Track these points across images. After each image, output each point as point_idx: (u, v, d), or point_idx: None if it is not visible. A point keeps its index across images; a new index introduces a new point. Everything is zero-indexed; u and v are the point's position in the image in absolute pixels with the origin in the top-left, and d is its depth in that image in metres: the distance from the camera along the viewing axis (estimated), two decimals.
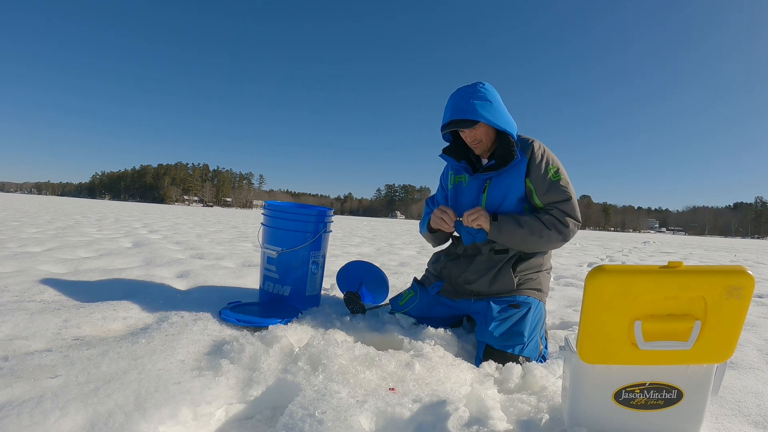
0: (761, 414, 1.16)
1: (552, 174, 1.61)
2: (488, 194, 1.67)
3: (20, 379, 0.99)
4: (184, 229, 7.23)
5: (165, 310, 1.71)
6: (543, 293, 1.67)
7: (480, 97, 1.58)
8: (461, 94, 1.61)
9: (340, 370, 1.15)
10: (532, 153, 1.63)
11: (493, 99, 1.61)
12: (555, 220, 1.58)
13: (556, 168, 1.63)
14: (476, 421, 0.98)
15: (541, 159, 1.62)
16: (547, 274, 1.73)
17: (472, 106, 1.56)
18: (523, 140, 1.68)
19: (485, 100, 1.58)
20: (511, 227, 1.58)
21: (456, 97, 1.62)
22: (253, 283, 2.55)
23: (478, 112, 1.56)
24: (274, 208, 1.92)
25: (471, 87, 1.62)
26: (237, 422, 1.07)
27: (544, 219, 1.58)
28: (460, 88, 1.65)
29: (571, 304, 2.59)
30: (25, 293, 1.85)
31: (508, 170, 1.63)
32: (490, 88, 1.63)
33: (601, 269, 0.85)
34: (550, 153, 1.66)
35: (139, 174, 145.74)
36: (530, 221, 1.57)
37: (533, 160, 1.62)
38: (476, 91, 1.60)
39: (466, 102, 1.58)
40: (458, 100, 1.60)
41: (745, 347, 1.78)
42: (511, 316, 1.53)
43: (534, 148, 1.64)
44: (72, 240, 4.25)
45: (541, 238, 1.57)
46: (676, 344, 0.87)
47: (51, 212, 10.52)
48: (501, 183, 1.65)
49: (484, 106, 1.57)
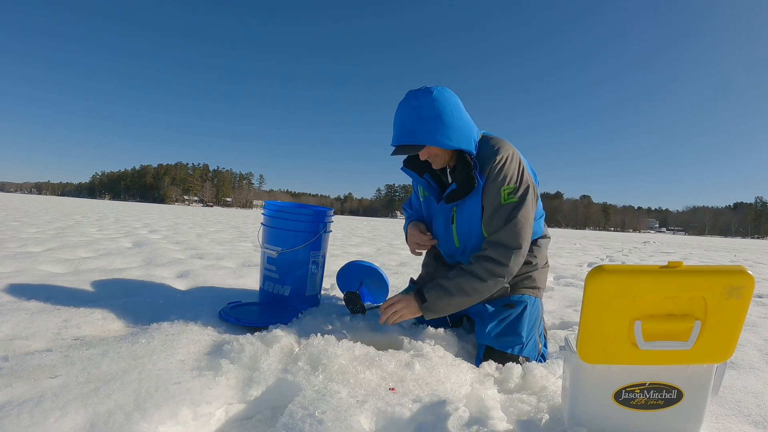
0: (761, 414, 1.16)
1: (504, 196, 1.42)
2: (457, 225, 1.55)
3: (20, 379, 0.99)
4: (184, 229, 7.23)
5: (165, 310, 1.71)
6: (539, 290, 1.63)
7: (427, 114, 1.37)
8: (407, 111, 1.40)
9: (340, 370, 1.15)
10: (490, 170, 1.44)
11: (444, 111, 1.38)
12: (490, 264, 1.40)
13: (511, 189, 1.43)
14: (476, 421, 0.98)
15: (496, 177, 1.43)
16: (543, 271, 1.68)
17: (419, 127, 1.38)
18: (487, 150, 1.47)
19: (434, 118, 1.37)
20: (443, 302, 1.43)
21: (401, 113, 1.42)
22: (253, 283, 2.55)
23: (425, 135, 1.38)
24: (274, 208, 1.92)
25: (417, 99, 1.39)
26: (237, 422, 1.07)
27: (478, 271, 1.41)
28: (407, 97, 1.43)
29: (571, 304, 2.59)
30: (25, 293, 1.85)
31: (470, 195, 1.48)
32: (440, 97, 1.39)
33: (601, 269, 0.85)
34: (512, 167, 1.45)
35: (139, 174, 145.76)
36: (461, 283, 1.41)
37: (489, 180, 1.44)
38: (422, 105, 1.38)
39: (413, 121, 1.38)
40: (404, 119, 1.41)
41: (745, 347, 1.78)
42: (507, 316, 1.52)
43: (493, 164, 1.43)
44: (72, 240, 4.25)
45: (480, 293, 1.43)
46: (676, 344, 0.87)
47: (51, 212, 10.52)
48: (465, 210, 1.52)
49: (433, 126, 1.37)
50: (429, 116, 1.38)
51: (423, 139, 1.39)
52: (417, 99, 1.40)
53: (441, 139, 1.39)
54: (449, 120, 1.40)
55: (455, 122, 1.41)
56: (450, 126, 1.40)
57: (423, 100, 1.39)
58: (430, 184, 1.61)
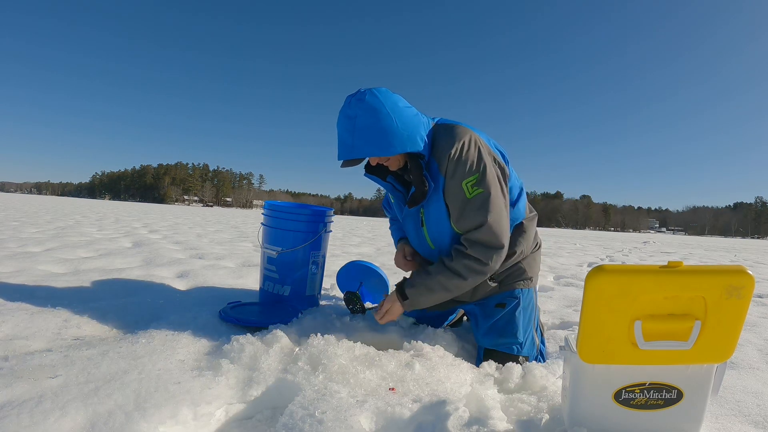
0: (761, 414, 1.16)
1: (468, 189, 1.35)
2: (427, 227, 1.49)
3: (20, 379, 0.99)
4: (184, 229, 7.23)
5: (165, 310, 1.71)
6: (531, 279, 1.56)
7: (362, 124, 1.31)
8: (343, 123, 1.35)
9: (340, 370, 1.15)
10: (447, 165, 1.36)
11: (380, 115, 1.31)
12: (471, 262, 1.37)
13: (474, 179, 1.35)
14: (476, 421, 0.98)
15: (455, 171, 1.35)
16: (533, 255, 1.60)
17: (357, 141, 1.33)
18: (442, 140, 1.40)
19: (369, 128, 1.31)
20: (424, 298, 1.44)
21: (339, 126, 1.37)
22: (253, 283, 2.55)
23: (363, 148, 1.33)
24: (274, 208, 1.92)
25: (351, 109, 1.33)
26: (237, 422, 1.07)
27: (459, 267, 1.38)
28: (343, 107, 1.38)
29: (571, 304, 2.59)
30: (25, 293, 1.85)
31: (430, 196, 1.42)
32: (373, 102, 1.32)
33: (601, 269, 0.85)
34: (470, 155, 1.36)
35: (139, 174, 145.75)
36: (442, 281, 1.40)
37: (447, 176, 1.37)
38: (357, 115, 1.32)
39: (350, 135, 1.33)
40: (342, 133, 1.36)
41: (745, 347, 1.78)
42: (500, 318, 1.50)
43: (449, 158, 1.35)
44: (72, 240, 4.25)
45: (461, 288, 1.42)
46: (676, 344, 0.87)
47: (51, 212, 10.52)
48: (431, 211, 1.46)
49: (370, 137, 1.32)
50: (364, 127, 1.32)
51: (362, 152, 1.34)
52: (350, 108, 1.34)
53: (378, 150, 1.33)
54: (387, 124, 1.32)
55: (393, 126, 1.33)
56: (388, 132, 1.32)
57: (356, 109, 1.33)
58: (394, 187, 1.54)
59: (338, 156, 1.39)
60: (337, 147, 1.39)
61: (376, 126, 1.32)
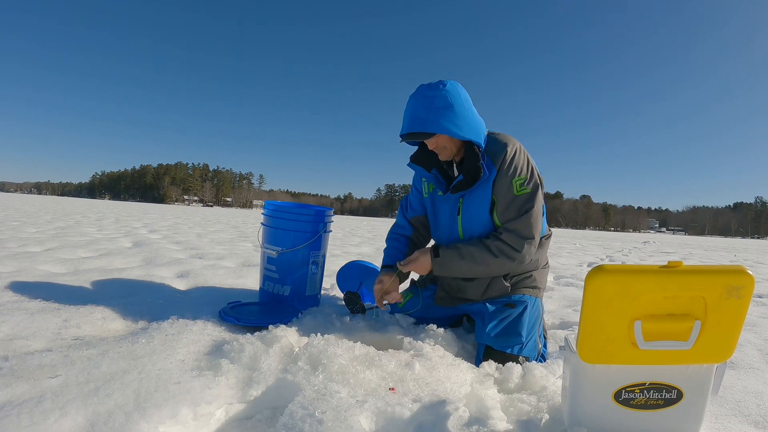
0: (761, 414, 1.16)
1: (517, 187, 1.49)
2: (462, 215, 1.58)
3: (20, 379, 0.99)
4: (184, 229, 7.23)
5: (165, 310, 1.71)
6: (539, 290, 1.64)
7: (440, 104, 1.43)
8: (420, 100, 1.46)
9: (340, 370, 1.15)
10: (501, 163, 1.49)
11: (456, 103, 1.45)
12: (504, 245, 1.48)
13: (523, 179, 1.50)
14: (476, 421, 0.98)
15: (508, 170, 1.49)
16: (543, 270, 1.70)
17: (431, 116, 1.43)
18: (495, 144, 1.53)
19: (446, 108, 1.43)
20: (453, 261, 1.52)
21: (414, 103, 1.48)
22: (253, 283, 2.55)
23: (437, 123, 1.43)
24: (274, 208, 1.92)
25: (431, 90, 1.46)
26: (237, 422, 1.07)
27: (492, 246, 1.48)
28: (420, 89, 1.49)
29: (571, 304, 2.59)
30: (25, 293, 1.85)
31: (478, 186, 1.53)
32: (453, 90, 1.46)
33: (601, 269, 0.85)
34: (521, 159, 1.52)
35: (139, 174, 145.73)
36: (474, 251, 1.50)
37: (501, 172, 1.50)
38: (436, 96, 1.44)
39: (425, 110, 1.44)
40: (417, 108, 1.46)
41: (745, 347, 1.78)
42: (508, 316, 1.53)
43: (504, 157, 1.49)
44: (72, 240, 4.25)
45: (488, 267, 1.50)
46: (676, 344, 0.87)
47: (51, 212, 10.52)
48: (473, 201, 1.55)
49: (445, 115, 1.43)
50: (441, 106, 1.44)
51: (434, 127, 1.44)
52: (430, 90, 1.46)
53: (452, 128, 1.44)
54: (460, 111, 1.45)
55: (466, 114, 1.47)
56: (461, 117, 1.45)
57: (436, 91, 1.45)
58: (437, 178, 1.64)
59: (406, 128, 1.49)
60: (405, 122, 1.50)
61: (452, 109, 1.44)
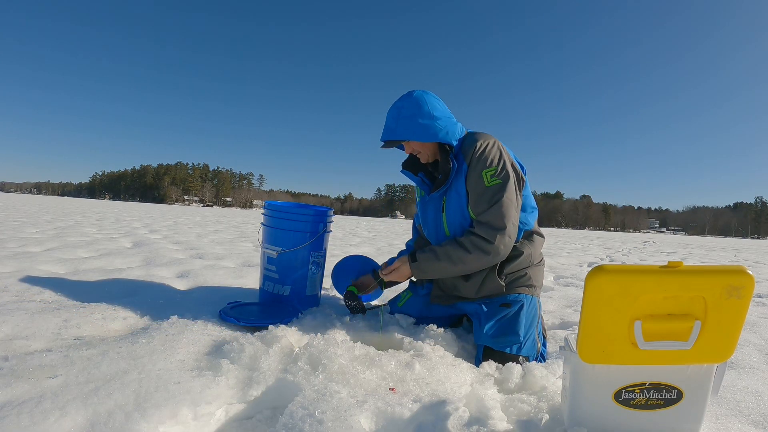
0: (761, 414, 1.16)
1: (487, 178, 1.53)
2: (446, 212, 1.64)
3: (20, 379, 0.99)
4: (184, 229, 7.23)
5: (165, 310, 1.71)
6: (535, 288, 1.63)
7: (406, 113, 1.57)
8: (391, 111, 1.62)
9: (340, 370, 1.15)
10: (472, 156, 1.56)
11: (422, 110, 1.57)
12: (477, 239, 1.52)
13: (493, 171, 1.53)
14: (476, 421, 0.98)
15: (477, 161, 1.55)
16: (538, 267, 1.68)
17: (399, 124, 1.58)
18: (469, 141, 1.61)
19: (412, 116, 1.56)
20: (430, 264, 1.58)
21: (388, 114, 1.63)
22: (253, 283, 2.55)
23: (404, 130, 1.58)
24: (274, 208, 1.92)
25: (401, 101, 1.61)
26: (237, 422, 1.07)
27: (466, 242, 1.53)
28: (395, 101, 1.64)
29: (571, 304, 2.59)
30: (25, 293, 1.85)
31: (454, 181, 1.60)
32: (420, 98, 1.59)
33: (601, 269, 0.85)
34: (492, 151, 1.56)
35: (139, 174, 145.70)
36: (449, 251, 1.55)
37: (471, 164, 1.56)
38: (403, 106, 1.59)
39: (394, 120, 1.60)
40: (389, 119, 1.62)
41: (745, 347, 1.78)
42: (504, 316, 1.53)
43: (474, 150, 1.56)
44: (72, 240, 4.25)
45: (465, 264, 1.53)
46: (676, 344, 0.87)
47: (51, 212, 10.52)
48: (452, 198, 1.62)
49: (411, 123, 1.56)
50: (407, 115, 1.58)
51: (402, 135, 1.59)
52: (400, 101, 1.62)
53: (419, 133, 1.58)
54: (425, 117, 1.58)
55: (432, 120, 1.58)
56: (426, 123, 1.57)
57: (404, 101, 1.61)
58: (423, 181, 1.74)
59: (382, 137, 1.65)
60: (382, 131, 1.66)
61: (417, 117, 1.57)
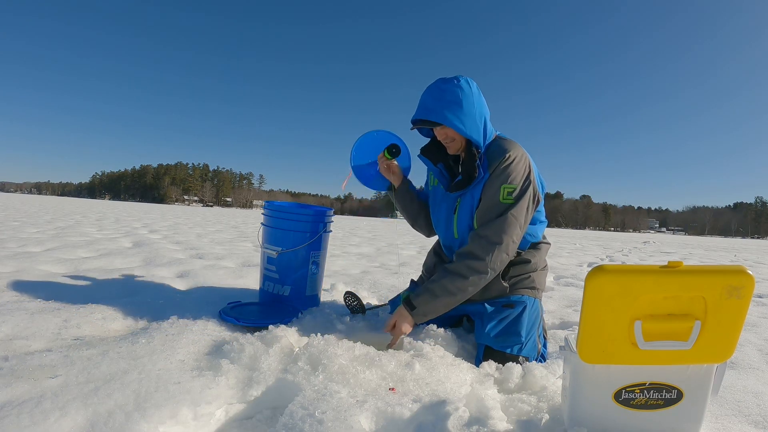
0: (761, 414, 1.16)
1: (504, 194, 1.47)
2: (458, 215, 1.60)
3: (20, 379, 0.99)
4: (184, 229, 7.23)
5: (165, 310, 1.71)
6: (538, 290, 1.63)
7: (449, 98, 1.47)
8: (433, 91, 1.51)
9: (340, 370, 1.15)
10: (497, 167, 1.48)
11: (465, 100, 1.47)
12: (470, 260, 1.46)
13: (512, 189, 1.47)
14: (476, 421, 0.98)
15: (500, 174, 1.47)
16: (542, 272, 1.68)
17: (439, 106, 1.47)
18: (497, 149, 1.52)
19: (454, 102, 1.46)
20: (431, 305, 1.49)
21: (427, 92, 1.52)
22: (253, 283, 2.55)
23: (442, 114, 1.47)
24: (274, 208, 1.92)
25: (445, 84, 1.50)
26: (237, 422, 1.07)
27: (460, 269, 1.46)
28: (436, 81, 1.53)
29: (571, 304, 2.59)
30: (25, 293, 1.85)
31: (473, 187, 1.55)
32: (465, 87, 1.49)
33: (601, 269, 0.85)
34: (519, 168, 1.49)
35: (139, 174, 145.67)
36: (446, 284, 1.47)
37: (493, 174, 1.49)
38: (447, 89, 1.48)
39: (435, 101, 1.49)
40: (427, 98, 1.51)
41: (745, 347, 1.78)
42: (507, 316, 1.53)
43: (501, 161, 1.48)
44: (72, 240, 4.25)
45: (465, 292, 1.48)
46: (676, 344, 0.87)
47: (51, 212, 10.52)
48: (467, 202, 1.57)
49: (451, 109, 1.46)
50: (450, 100, 1.47)
51: (439, 118, 1.48)
52: (444, 83, 1.50)
53: (455, 122, 1.47)
54: (468, 108, 1.48)
55: (473, 112, 1.49)
56: (467, 114, 1.48)
57: (449, 85, 1.49)
58: (442, 173, 1.66)
59: (416, 115, 1.53)
60: (417, 110, 1.54)
61: (460, 104, 1.47)
